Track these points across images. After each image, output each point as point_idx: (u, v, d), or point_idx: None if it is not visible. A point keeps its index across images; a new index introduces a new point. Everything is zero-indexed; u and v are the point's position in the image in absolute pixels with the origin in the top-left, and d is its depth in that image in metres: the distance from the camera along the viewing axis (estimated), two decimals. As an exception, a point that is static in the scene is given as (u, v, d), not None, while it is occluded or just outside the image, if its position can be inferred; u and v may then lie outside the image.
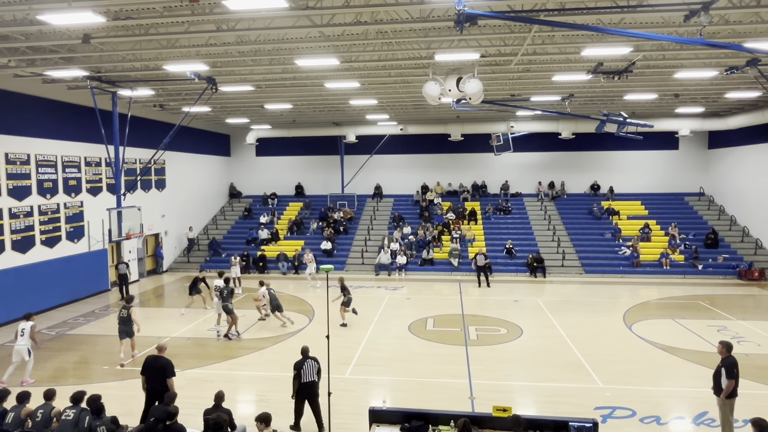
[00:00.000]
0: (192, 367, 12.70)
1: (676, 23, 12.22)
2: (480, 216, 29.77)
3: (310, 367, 9.22)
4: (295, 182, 33.76)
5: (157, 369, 9.05)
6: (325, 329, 9.44)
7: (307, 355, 9.40)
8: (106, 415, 7.59)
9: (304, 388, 9.18)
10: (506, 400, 9.93)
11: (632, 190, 30.83)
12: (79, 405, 7.76)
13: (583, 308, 18.47)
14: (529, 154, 31.26)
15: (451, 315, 17.62)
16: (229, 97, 21.50)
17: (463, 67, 15.12)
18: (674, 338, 14.74)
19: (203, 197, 30.77)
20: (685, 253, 25.29)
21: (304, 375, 9.13)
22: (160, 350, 9.52)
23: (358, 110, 25.59)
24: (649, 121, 23.87)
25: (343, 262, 26.60)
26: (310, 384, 9.19)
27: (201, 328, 16.28)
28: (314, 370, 9.24)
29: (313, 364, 9.28)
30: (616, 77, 16.60)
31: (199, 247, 28.54)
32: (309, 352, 9.48)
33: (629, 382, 11.55)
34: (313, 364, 9.27)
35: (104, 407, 7.66)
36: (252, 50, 14.68)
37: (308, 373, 9.17)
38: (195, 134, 28.77)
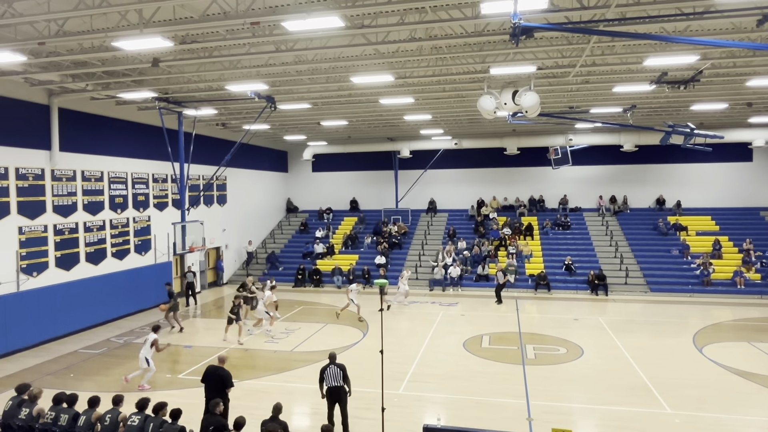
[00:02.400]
0: (249, 378, 12.98)
1: (748, 29, 11.59)
2: (537, 231, 29.04)
3: (333, 372, 9.46)
4: (350, 197, 34.19)
5: (216, 379, 9.30)
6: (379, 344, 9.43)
7: (332, 360, 9.68)
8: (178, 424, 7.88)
9: (329, 392, 9.47)
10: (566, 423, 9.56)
11: (701, 205, 29.23)
12: (143, 411, 8.08)
13: (648, 328, 17.57)
14: (588, 167, 30.33)
15: (507, 333, 17.20)
16: (287, 115, 22.14)
17: (519, 80, 14.92)
18: (751, 363, 13.74)
19: (262, 212, 31.69)
20: (762, 271, 23.64)
21: (327, 379, 9.43)
22: (221, 361, 9.79)
23: (412, 125, 25.71)
24: (719, 132, 22.61)
25: (397, 277, 26.54)
26: (335, 389, 9.44)
27: (259, 339, 16.64)
28: (339, 375, 9.43)
29: (337, 369, 9.48)
30: (681, 87, 15.88)
31: (257, 261, 29.32)
32: (335, 359, 9.74)
33: (701, 409, 10.84)
34: (337, 370, 9.47)
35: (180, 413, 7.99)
36: (309, 69, 15.10)
37: (331, 378, 9.43)
38: (254, 151, 29.77)
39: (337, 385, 9.43)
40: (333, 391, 9.47)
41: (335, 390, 9.45)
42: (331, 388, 9.46)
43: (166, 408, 8.09)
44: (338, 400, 9.49)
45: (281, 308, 21.53)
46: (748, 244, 25.16)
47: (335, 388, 9.44)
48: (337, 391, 9.45)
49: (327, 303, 22.66)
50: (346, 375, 9.56)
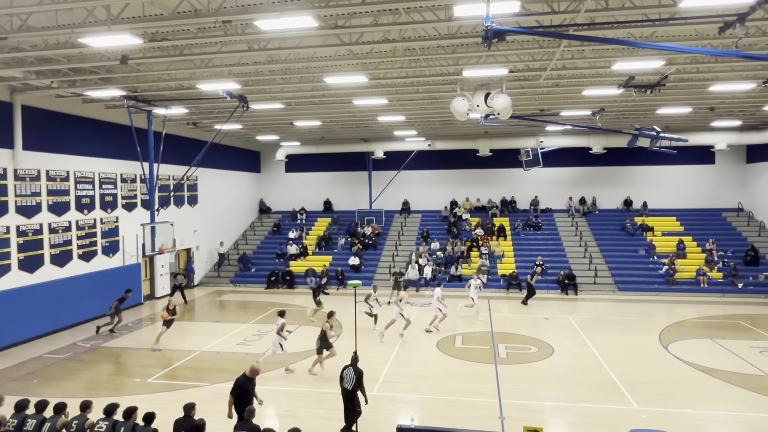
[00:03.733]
0: (220, 381, 12.80)
1: (711, 35, 11.98)
2: (509, 232, 29.43)
3: (348, 374, 9.53)
4: (324, 198, 34.06)
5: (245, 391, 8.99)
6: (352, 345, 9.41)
7: (352, 362, 9.75)
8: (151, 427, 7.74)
9: (343, 393, 9.56)
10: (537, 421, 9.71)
11: (667, 206, 30.07)
12: (111, 417, 7.89)
13: (616, 327, 17.98)
14: (559, 169, 30.87)
15: (480, 332, 17.37)
16: (259, 115, 21.93)
17: (492, 83, 15.09)
18: (714, 359, 14.20)
19: (234, 213, 31.30)
20: (724, 270, 24.44)
21: (343, 381, 9.53)
22: (253, 372, 9.27)
23: (386, 126, 25.75)
24: (683, 135, 23.28)
25: (371, 278, 26.57)
26: (347, 391, 9.49)
27: (230, 342, 16.43)
28: (352, 379, 9.47)
29: (352, 373, 9.52)
30: (648, 91, 16.31)
31: (229, 262, 28.95)
32: (355, 361, 9.76)
33: (666, 405, 11.14)
34: (352, 374, 9.52)
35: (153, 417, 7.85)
36: (282, 69, 14.98)
37: (346, 380, 9.50)
38: (226, 151, 29.39)
39: (347, 388, 9.53)
40: (345, 392, 9.58)
41: (347, 392, 9.55)
42: (344, 389, 9.59)
43: (136, 413, 7.92)
44: (349, 402, 9.55)
45: (254, 310, 21.33)
46: (711, 244, 25.98)
47: (346, 391, 9.55)
48: (348, 394, 9.53)
49: (300, 304, 22.50)
50: (360, 381, 9.55)
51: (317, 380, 12.82)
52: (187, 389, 12.26)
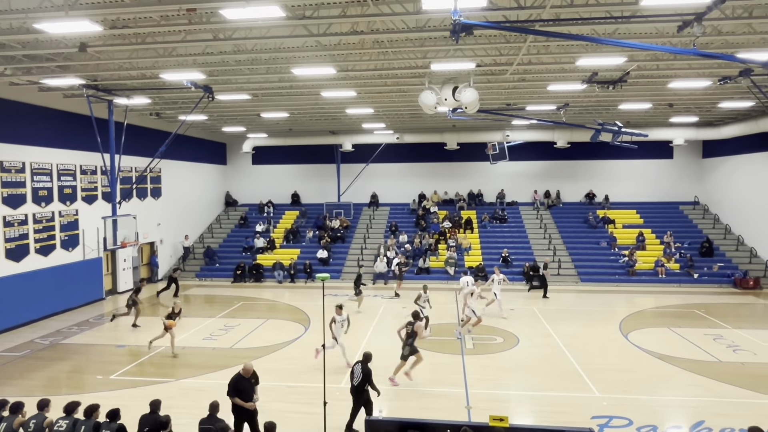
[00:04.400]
0: (186, 377, 12.61)
1: (670, 34, 12.34)
2: (476, 225, 29.81)
3: (356, 371, 9.59)
4: (292, 191, 33.76)
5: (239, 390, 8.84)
6: (321, 338, 9.40)
7: (362, 359, 9.77)
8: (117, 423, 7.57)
9: (351, 390, 9.61)
10: (503, 410, 9.91)
11: (627, 199, 30.94)
12: (72, 415, 7.69)
13: (579, 317, 18.45)
14: (524, 163, 31.38)
15: (447, 324, 17.57)
16: (225, 106, 21.54)
17: (459, 77, 15.19)
18: (670, 347, 14.74)
19: (199, 206, 30.72)
20: (681, 261, 25.36)
21: (353, 377, 9.62)
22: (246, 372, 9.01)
23: (354, 119, 25.66)
24: (643, 131, 24.03)
25: (340, 271, 26.55)
26: (353, 387, 9.56)
27: (196, 337, 16.18)
28: (359, 375, 9.51)
29: (359, 369, 9.56)
30: (610, 87, 16.72)
31: (194, 256, 28.45)
32: (365, 359, 9.77)
33: (626, 391, 11.53)
34: (359, 370, 9.56)
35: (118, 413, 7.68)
36: (248, 59, 14.74)
37: (354, 376, 9.59)
38: (191, 142, 28.78)
39: (354, 385, 9.55)
40: (352, 389, 9.61)
41: (353, 389, 9.57)
42: (351, 386, 9.62)
43: (98, 411, 7.73)
44: (356, 400, 9.54)
45: (220, 304, 21.05)
46: (669, 236, 26.89)
47: (353, 387, 9.57)
48: (355, 391, 9.54)
49: (268, 298, 22.32)
50: (367, 379, 9.52)
51: (287, 373, 12.76)
52: (152, 385, 12.03)
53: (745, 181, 26.70)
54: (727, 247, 26.57)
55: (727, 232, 27.71)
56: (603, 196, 31.11)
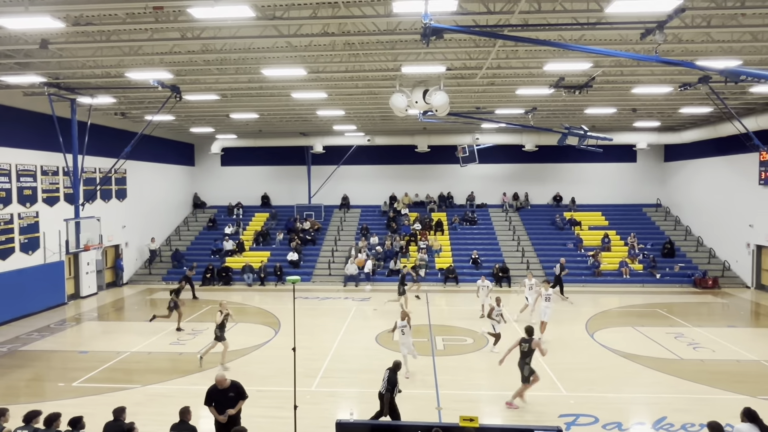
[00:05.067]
0: (152, 383, 12.33)
1: (633, 41, 12.69)
2: (446, 227, 30.04)
3: (383, 377, 9.49)
4: (261, 192, 33.40)
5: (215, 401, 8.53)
6: (291, 341, 9.31)
7: (391, 366, 9.61)
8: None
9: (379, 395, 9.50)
10: (473, 410, 10.00)
11: (593, 201, 31.66)
12: (31, 425, 7.43)
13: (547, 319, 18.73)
14: (494, 165, 31.78)
15: (418, 325, 17.62)
16: (193, 106, 21.18)
17: (430, 80, 15.31)
18: (634, 346, 15.13)
19: (166, 208, 30.10)
20: (644, 262, 26.07)
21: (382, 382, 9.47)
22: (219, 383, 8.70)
23: (325, 121, 25.57)
24: (608, 135, 24.62)
25: (310, 273, 26.39)
26: (380, 393, 9.44)
27: (162, 342, 15.83)
28: (384, 382, 9.41)
29: (385, 375, 9.46)
30: (576, 92, 17.10)
31: (161, 259, 27.86)
32: (393, 367, 9.62)
33: (592, 390, 11.78)
34: (385, 376, 9.46)
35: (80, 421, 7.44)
36: (217, 59, 14.54)
37: (381, 383, 9.46)
38: (158, 143, 28.19)
39: (380, 391, 9.46)
40: (379, 394, 9.51)
41: (379, 394, 9.48)
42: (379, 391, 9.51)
43: (59, 420, 7.49)
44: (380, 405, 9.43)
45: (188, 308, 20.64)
46: (633, 238, 27.63)
47: (380, 393, 9.48)
48: (380, 397, 9.45)
49: (237, 301, 22.01)
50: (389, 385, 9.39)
51: (257, 377, 12.61)
52: (116, 392, 11.72)
53: (704, 184, 27.65)
54: (688, 248, 27.45)
55: (688, 233, 28.65)
56: (570, 199, 31.76)
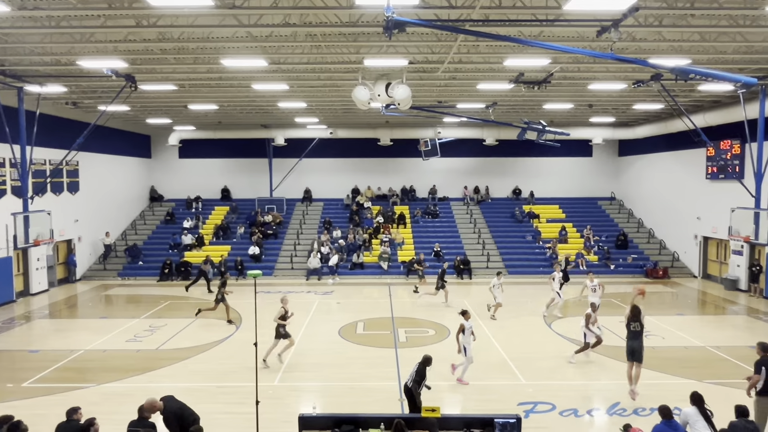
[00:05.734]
0: (108, 381, 11.98)
1: (590, 38, 13.02)
2: (409, 220, 30.23)
3: (412, 371, 9.45)
4: (221, 185, 32.76)
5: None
6: (252, 336, 9.21)
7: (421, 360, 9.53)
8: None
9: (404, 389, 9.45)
10: (435, 400, 10.12)
11: (551, 195, 32.45)
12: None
13: (506, 308, 19.10)
14: (455, 159, 32.14)
15: (381, 318, 17.74)
16: (149, 96, 20.55)
17: (392, 73, 15.33)
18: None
19: (121, 201, 29.16)
20: (599, 254, 26.92)
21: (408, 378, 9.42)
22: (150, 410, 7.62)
23: (286, 113, 25.27)
24: (566, 130, 25.28)
25: (272, 267, 26.12)
26: (405, 387, 9.39)
27: (118, 339, 15.39)
28: (412, 376, 9.35)
29: (414, 369, 9.43)
30: (535, 87, 17.44)
31: (116, 254, 27.02)
32: (424, 361, 9.53)
33: (550, 378, 12.12)
34: (413, 370, 9.41)
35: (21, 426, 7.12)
36: (175, 48, 14.14)
37: (409, 376, 9.43)
38: (112, 134, 27.25)
39: (406, 385, 9.38)
40: (405, 389, 9.42)
41: (405, 389, 9.40)
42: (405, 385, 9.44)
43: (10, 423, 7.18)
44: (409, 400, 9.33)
45: (145, 304, 20.14)
46: (588, 230, 28.47)
47: (405, 387, 9.40)
48: (406, 391, 9.37)
49: (197, 297, 21.59)
50: (418, 379, 9.32)
51: (217, 373, 12.42)
52: (69, 392, 11.34)
53: (655, 178, 28.73)
54: (640, 239, 28.50)
55: (640, 225, 29.74)
56: (528, 192, 32.44)
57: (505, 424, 7.71)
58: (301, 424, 7.87)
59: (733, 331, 16.32)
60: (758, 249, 21.17)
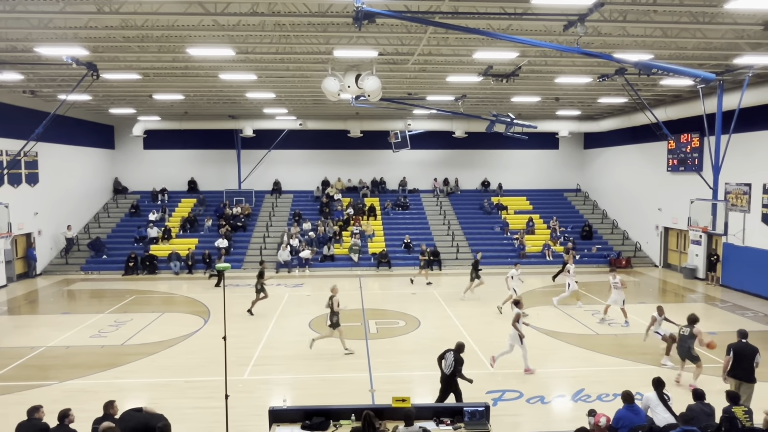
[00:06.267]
0: (71, 378, 11.68)
1: (557, 32, 13.22)
2: (379, 212, 30.27)
3: (448, 358, 9.48)
4: (188, 177, 32.12)
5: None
6: (221, 330, 9.11)
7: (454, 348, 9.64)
8: None
9: (441, 377, 9.59)
10: (405, 391, 10.24)
11: (518, 187, 32.95)
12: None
13: (476, 298, 19.43)
14: (425, 151, 32.27)
15: (351, 310, 17.75)
16: (112, 86, 19.95)
17: (362, 64, 15.26)
18: (555, 323, 16.01)
19: (84, 193, 28.30)
20: (565, 244, 27.50)
21: (442, 364, 9.56)
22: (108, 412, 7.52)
23: (255, 103, 24.90)
24: (533, 122, 25.68)
25: (241, 260, 25.83)
26: (444, 375, 9.52)
27: (82, 335, 15.01)
28: (451, 364, 9.41)
29: (451, 357, 9.47)
30: (504, 80, 17.62)
31: (79, 248, 26.26)
32: (457, 348, 9.64)
33: (517, 366, 12.34)
34: (451, 358, 9.46)
35: None
36: (138, 36, 13.74)
37: (445, 364, 9.50)
38: (74, 124, 26.38)
39: (446, 373, 9.48)
40: (443, 377, 9.56)
41: (444, 377, 9.53)
42: (442, 373, 9.58)
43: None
44: (446, 387, 9.54)
45: (110, 298, 19.69)
46: (555, 221, 29.05)
47: (444, 375, 9.53)
48: (446, 379, 9.51)
49: (163, 291, 21.23)
50: (458, 368, 9.42)
51: (185, 368, 12.25)
52: (30, 390, 11.03)
53: (619, 170, 29.46)
54: (604, 230, 29.24)
55: (604, 216, 30.50)
56: (497, 184, 32.85)
57: (474, 412, 7.85)
58: (272, 417, 7.85)
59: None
60: (715, 239, 22.00)
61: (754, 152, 19.79)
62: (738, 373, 9.20)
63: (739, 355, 9.20)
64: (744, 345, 9.32)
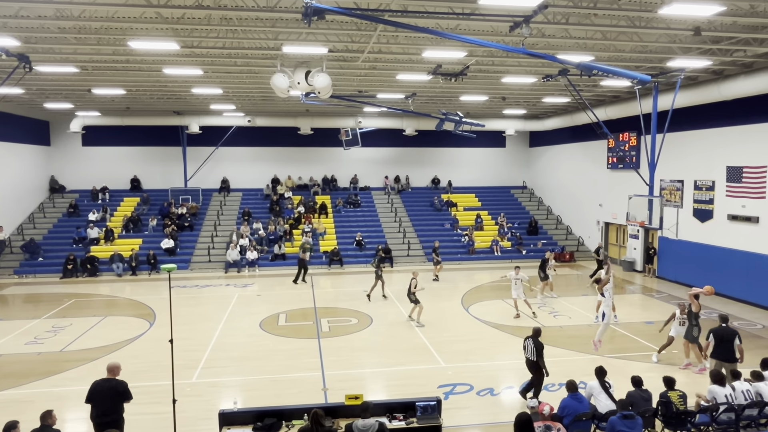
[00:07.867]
0: (6, 388, 11.05)
1: (503, 33, 13.53)
2: (330, 209, 30.13)
3: (528, 345, 10.05)
4: (131, 175, 30.89)
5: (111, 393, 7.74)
6: (168, 333, 8.84)
7: (532, 334, 10.12)
8: None
9: (527, 363, 10.17)
10: (358, 388, 10.25)
11: (467, 184, 33.56)
12: None
13: (426, 294, 19.58)
14: (376, 149, 32.35)
15: (303, 309, 17.62)
16: (47, 79, 18.93)
17: (312, 61, 15.12)
18: (503, 317, 16.43)
19: (16, 192, 26.71)
20: (512, 240, 28.25)
21: (525, 351, 10.15)
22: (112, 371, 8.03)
23: (201, 99, 24.23)
24: (481, 121, 26.20)
25: (188, 261, 25.12)
26: (529, 361, 10.08)
27: (16, 342, 14.20)
28: (533, 350, 9.90)
29: (531, 344, 9.96)
30: (453, 79, 17.88)
31: (11, 250, 24.81)
32: (536, 334, 10.09)
33: (467, 360, 12.62)
34: (531, 345, 9.96)
35: None
36: (75, 27, 13.08)
37: (527, 350, 10.09)
38: (4, 119, 24.89)
39: (530, 359, 10.00)
40: (528, 362, 10.12)
41: (529, 362, 10.08)
42: (527, 359, 10.12)
43: None
44: (533, 371, 10.06)
45: (47, 303, 18.72)
46: (502, 218, 29.78)
47: (529, 361, 10.08)
48: (531, 364, 10.04)
49: (105, 294, 20.38)
50: (540, 353, 9.87)
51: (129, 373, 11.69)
52: (-42, 402, 10.35)
53: (562, 167, 30.51)
54: (549, 226, 30.23)
55: (549, 212, 31.53)
56: (447, 182, 33.35)
57: (426, 407, 7.97)
58: (222, 420, 7.69)
59: (630, 308, 17.78)
60: (652, 233, 23.16)
61: (686, 151, 20.98)
62: (719, 354, 10.15)
63: (719, 338, 10.18)
64: (723, 329, 10.28)
